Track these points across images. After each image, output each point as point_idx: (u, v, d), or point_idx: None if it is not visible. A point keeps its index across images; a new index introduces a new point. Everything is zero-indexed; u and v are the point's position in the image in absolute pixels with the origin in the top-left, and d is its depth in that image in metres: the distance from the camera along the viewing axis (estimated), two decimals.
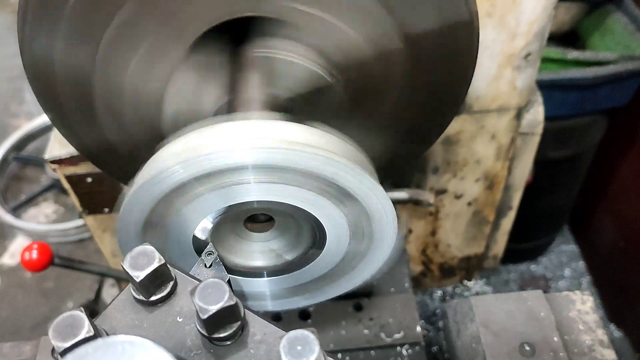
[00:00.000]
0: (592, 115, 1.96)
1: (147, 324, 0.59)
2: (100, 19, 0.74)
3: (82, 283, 2.41)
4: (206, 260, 0.73)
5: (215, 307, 0.52)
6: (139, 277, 0.56)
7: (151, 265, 0.57)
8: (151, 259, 0.57)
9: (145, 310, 0.60)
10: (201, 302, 0.52)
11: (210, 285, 0.53)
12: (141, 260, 0.57)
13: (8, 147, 2.95)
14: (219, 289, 0.53)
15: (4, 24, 3.74)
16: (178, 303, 0.60)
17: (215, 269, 0.73)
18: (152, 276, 0.57)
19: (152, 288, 0.59)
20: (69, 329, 0.50)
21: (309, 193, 0.67)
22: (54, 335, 0.50)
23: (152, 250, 0.57)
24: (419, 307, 1.92)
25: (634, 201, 2.21)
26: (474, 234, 1.93)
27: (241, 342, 0.57)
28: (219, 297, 0.53)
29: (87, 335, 0.50)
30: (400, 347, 1.26)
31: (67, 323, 0.50)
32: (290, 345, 0.48)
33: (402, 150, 0.95)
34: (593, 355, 0.95)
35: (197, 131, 0.66)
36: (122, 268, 0.57)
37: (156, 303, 0.60)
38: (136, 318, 0.59)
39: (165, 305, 0.60)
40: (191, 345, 0.57)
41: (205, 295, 0.53)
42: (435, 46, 0.80)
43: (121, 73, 0.80)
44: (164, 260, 0.58)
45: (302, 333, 0.48)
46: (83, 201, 1.45)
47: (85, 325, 0.50)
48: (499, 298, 1.03)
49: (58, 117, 0.86)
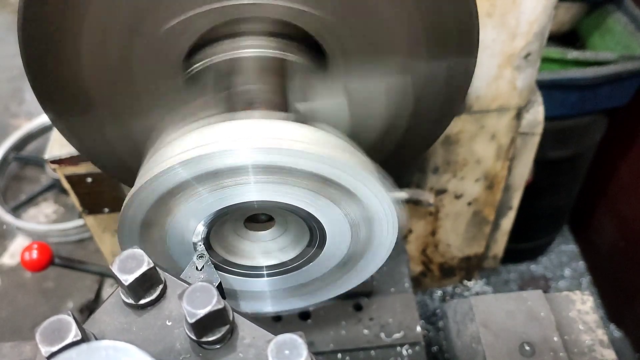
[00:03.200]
0: (592, 115, 1.96)
1: (136, 328, 0.59)
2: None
3: (82, 283, 2.41)
4: (197, 263, 0.72)
5: (203, 311, 0.52)
6: (127, 281, 0.56)
7: (140, 269, 0.57)
8: (140, 262, 0.57)
9: (135, 313, 0.60)
10: (189, 306, 0.52)
11: (199, 289, 0.53)
12: (130, 263, 0.57)
13: (8, 147, 2.95)
14: (207, 292, 0.53)
15: (4, 24, 3.74)
16: (167, 306, 0.60)
17: (207, 271, 0.72)
18: (140, 279, 0.57)
19: (141, 291, 0.59)
20: (56, 332, 0.50)
21: (309, 193, 0.67)
22: (41, 339, 0.49)
23: (141, 254, 0.57)
24: (419, 307, 1.92)
25: (634, 201, 2.21)
26: (474, 234, 1.93)
27: (230, 345, 0.57)
28: (207, 301, 0.52)
29: (74, 339, 0.50)
30: (400, 347, 1.26)
31: (54, 327, 0.50)
32: (278, 349, 0.48)
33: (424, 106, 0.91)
34: (593, 355, 0.95)
35: (197, 131, 0.66)
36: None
37: (145, 306, 0.60)
38: (125, 321, 0.59)
39: (154, 309, 0.60)
40: (180, 348, 0.57)
41: (193, 299, 0.53)
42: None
43: (121, 74, 0.81)
44: (152, 264, 0.58)
45: (289, 337, 0.49)
46: (83, 201, 1.45)
47: (72, 329, 0.50)
48: (499, 298, 1.03)
49: (58, 118, 0.87)
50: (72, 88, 0.82)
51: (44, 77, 0.80)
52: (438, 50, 0.83)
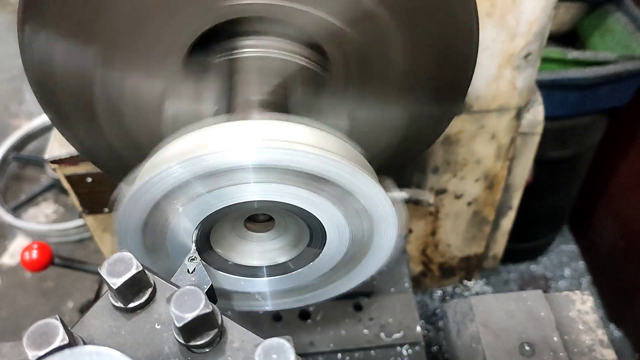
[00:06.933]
0: (592, 115, 1.96)
1: (125, 331, 0.59)
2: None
3: (82, 283, 2.41)
4: (189, 265, 0.72)
5: (191, 315, 0.52)
6: (116, 284, 0.56)
7: (129, 272, 0.56)
8: (129, 265, 0.57)
9: (124, 317, 0.60)
10: (177, 310, 0.52)
11: (187, 292, 0.53)
12: (119, 267, 0.56)
13: (8, 147, 2.95)
14: (195, 296, 0.53)
15: (4, 24, 3.74)
16: (157, 310, 0.60)
17: (198, 274, 0.72)
18: (129, 283, 0.57)
19: (129, 295, 0.59)
20: (43, 336, 0.49)
21: (309, 193, 0.67)
22: (28, 343, 0.49)
23: (130, 257, 0.57)
24: (419, 307, 1.92)
25: (634, 201, 2.21)
26: (473, 234, 1.93)
27: (219, 349, 0.57)
28: (195, 305, 0.52)
29: (61, 343, 0.49)
30: (400, 347, 1.26)
31: (41, 331, 0.50)
32: (265, 354, 0.48)
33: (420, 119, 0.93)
34: (593, 355, 0.95)
35: (196, 131, 0.66)
36: (99, 274, 0.56)
37: (134, 310, 0.60)
38: (114, 325, 0.59)
39: (143, 312, 0.60)
40: (169, 352, 0.57)
41: (181, 303, 0.52)
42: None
43: (121, 76, 0.80)
44: (141, 267, 0.57)
45: (277, 341, 0.49)
46: (83, 201, 1.45)
47: (60, 333, 0.50)
48: (499, 298, 1.03)
49: (58, 118, 0.87)
50: (72, 88, 0.82)
51: (43, 77, 0.80)
52: (433, 94, 0.88)
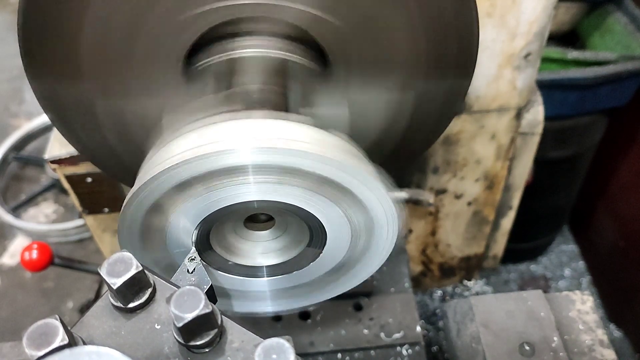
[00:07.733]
0: (592, 115, 1.96)
1: (124, 331, 0.59)
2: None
3: (82, 283, 2.41)
4: (189, 265, 0.72)
5: (191, 315, 0.52)
6: (115, 284, 0.56)
7: (128, 272, 0.56)
8: (128, 265, 0.57)
9: (123, 317, 0.59)
10: (177, 310, 0.52)
11: (186, 292, 0.53)
12: (118, 267, 0.56)
13: (8, 147, 2.95)
14: (195, 296, 0.53)
15: (3, 24, 3.75)
16: (157, 310, 0.60)
17: (198, 274, 0.72)
18: (129, 283, 0.57)
19: (129, 295, 0.59)
20: (43, 336, 0.49)
21: (309, 193, 0.67)
22: (28, 344, 0.49)
23: (130, 257, 0.57)
24: (419, 307, 1.92)
25: (634, 201, 2.21)
26: (474, 234, 1.94)
27: (219, 349, 0.57)
28: (195, 305, 0.52)
29: (61, 343, 0.49)
30: (400, 347, 1.26)
31: (41, 331, 0.50)
32: (265, 354, 0.48)
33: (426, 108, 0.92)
34: (593, 355, 0.95)
35: (197, 131, 0.66)
36: (99, 274, 0.56)
37: (134, 310, 0.60)
38: (114, 325, 0.59)
39: (143, 312, 0.60)
40: (169, 352, 0.57)
41: (181, 303, 0.52)
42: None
43: (121, 102, 0.81)
44: (141, 267, 0.57)
45: (277, 341, 0.49)
46: (83, 201, 1.45)
47: (59, 334, 0.50)
48: (499, 298, 1.03)
49: (58, 118, 0.87)
50: (73, 88, 0.82)
51: (44, 76, 0.80)
52: (436, 72, 0.85)
